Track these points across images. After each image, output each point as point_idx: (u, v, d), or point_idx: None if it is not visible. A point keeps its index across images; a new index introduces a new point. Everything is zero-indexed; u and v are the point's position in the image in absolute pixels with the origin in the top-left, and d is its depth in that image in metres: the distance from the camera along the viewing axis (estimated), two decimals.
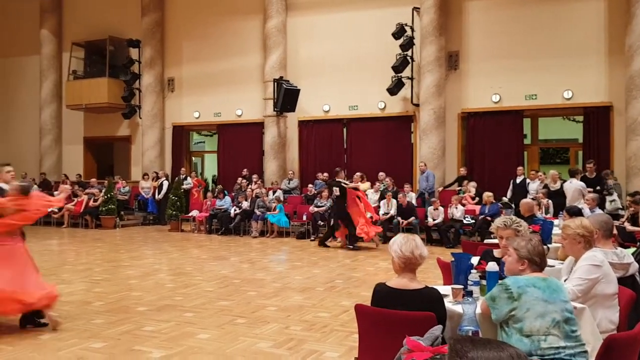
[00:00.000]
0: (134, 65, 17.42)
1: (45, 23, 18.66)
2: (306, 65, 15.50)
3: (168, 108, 17.52)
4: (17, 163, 19.32)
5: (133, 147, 18.11)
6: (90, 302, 6.59)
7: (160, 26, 17.34)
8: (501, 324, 2.90)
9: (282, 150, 15.63)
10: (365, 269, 9.19)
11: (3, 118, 19.97)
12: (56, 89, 18.73)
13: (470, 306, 2.94)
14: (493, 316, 2.92)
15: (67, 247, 12.10)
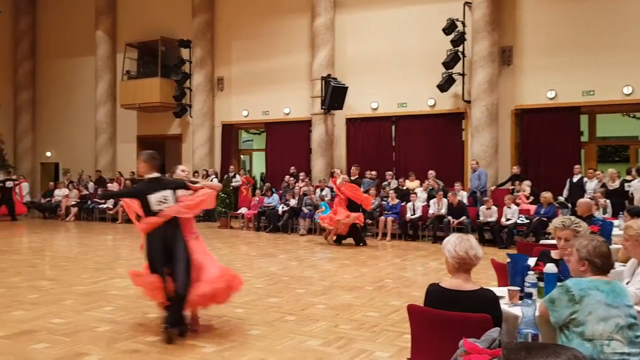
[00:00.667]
0: (184, 65, 17.76)
1: (100, 25, 19.25)
2: (354, 62, 15.43)
3: (217, 107, 17.79)
4: (74, 161, 20.18)
5: (184, 146, 18.48)
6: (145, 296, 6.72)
7: (210, 26, 17.61)
8: (561, 328, 2.78)
9: (329, 148, 15.61)
10: (415, 269, 9.07)
11: (61, 117, 20.75)
12: (111, 89, 19.31)
13: (529, 308, 2.83)
14: (552, 319, 2.80)
15: (121, 243, 12.44)
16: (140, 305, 6.25)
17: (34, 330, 5.25)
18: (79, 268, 8.82)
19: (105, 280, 7.78)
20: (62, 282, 7.61)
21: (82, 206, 17.32)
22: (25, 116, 21.19)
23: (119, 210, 16.30)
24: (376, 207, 12.93)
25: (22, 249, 11.37)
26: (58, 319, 5.62)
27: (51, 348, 4.73)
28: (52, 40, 20.91)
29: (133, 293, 6.89)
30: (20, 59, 21.13)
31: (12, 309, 6.03)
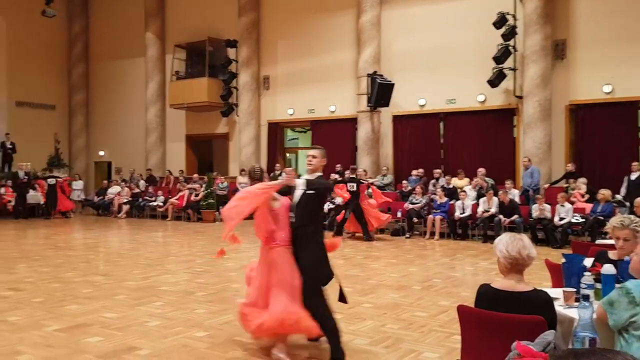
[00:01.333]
0: (231, 65, 17.97)
1: (150, 27, 19.71)
2: (401, 58, 15.25)
3: (263, 105, 17.93)
4: (125, 160, 20.75)
5: (231, 144, 18.71)
6: (193, 292, 6.83)
7: (256, 26, 17.76)
8: (620, 331, 2.65)
9: (375, 145, 15.48)
10: (465, 269, 8.87)
11: (113, 117, 21.38)
12: (160, 90, 19.75)
13: (586, 311, 2.69)
14: (610, 322, 2.67)
15: (171, 239, 12.69)
16: (189, 300, 6.35)
17: (87, 323, 5.38)
18: (131, 264, 9.03)
19: (156, 276, 7.94)
20: (115, 277, 7.81)
21: (133, 204, 17.80)
22: (80, 117, 21.94)
23: (169, 208, 16.67)
24: (424, 205, 12.74)
25: (77, 245, 11.75)
26: (111, 313, 5.75)
27: (104, 341, 4.83)
28: (105, 43, 21.56)
29: (182, 289, 7.02)
30: (74, 61, 21.88)
31: (67, 303, 6.22)
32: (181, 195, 16.61)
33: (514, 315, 2.82)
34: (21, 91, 20.49)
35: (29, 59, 20.57)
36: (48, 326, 5.29)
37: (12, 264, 8.84)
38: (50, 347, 4.68)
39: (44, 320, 5.48)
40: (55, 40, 21.46)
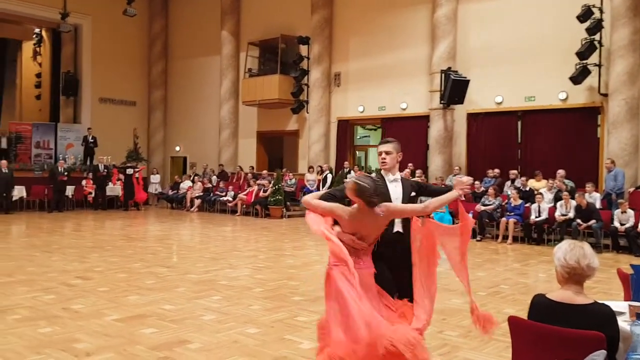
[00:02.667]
0: (303, 62, 17.99)
1: (225, 25, 20.09)
2: (477, 54, 14.65)
3: (334, 102, 17.81)
4: (200, 155, 21.30)
5: (300, 141, 18.75)
6: (251, 287, 6.80)
7: (328, 22, 17.67)
8: None
9: (448, 144, 14.97)
10: (537, 275, 8.36)
11: (189, 114, 22.00)
12: (234, 87, 20.09)
13: None
14: None
15: (238, 234, 12.83)
16: (246, 296, 6.32)
17: (145, 315, 5.45)
18: (196, 257, 9.17)
19: (218, 270, 7.99)
20: (178, 270, 7.93)
21: (205, 198, 18.22)
22: (158, 113, 22.74)
23: (238, 203, 16.92)
24: (497, 207, 12.18)
25: (148, 237, 12.12)
26: (169, 305, 5.81)
27: (158, 333, 4.87)
28: (182, 41, 22.22)
29: (241, 284, 7.01)
30: (154, 59, 22.70)
31: (129, 294, 6.35)
32: (250, 191, 16.81)
33: (570, 330, 2.57)
34: (104, 88, 21.50)
35: (112, 57, 21.53)
36: (108, 315, 5.40)
37: (85, 254, 9.20)
38: (107, 337, 4.75)
39: (105, 310, 5.60)
40: (136, 39, 22.35)
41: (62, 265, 8.05)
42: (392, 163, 3.72)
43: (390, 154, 3.72)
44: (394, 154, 3.73)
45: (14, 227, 13.29)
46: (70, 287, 6.64)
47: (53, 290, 6.42)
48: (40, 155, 19.89)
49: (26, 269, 7.69)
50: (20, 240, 10.92)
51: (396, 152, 3.74)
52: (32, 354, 4.30)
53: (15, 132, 19.79)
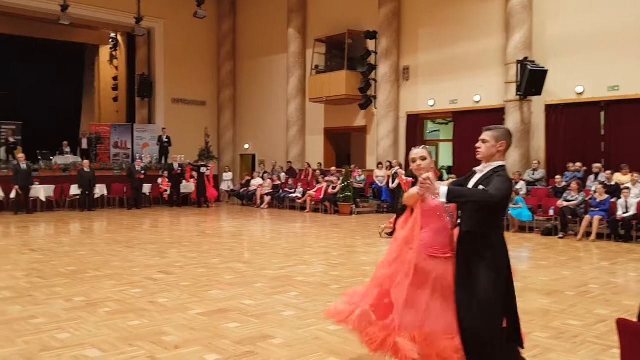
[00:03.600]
0: (370, 57, 17.82)
1: (292, 23, 20.21)
2: (555, 43, 13.99)
3: (403, 97, 17.54)
4: (268, 152, 21.57)
5: (368, 137, 18.60)
6: (327, 284, 6.77)
7: (396, 15, 17.41)
8: None
9: (525, 137, 14.39)
10: (628, 275, 7.87)
11: (257, 112, 22.33)
12: (300, 84, 20.20)
13: None
14: None
15: (308, 231, 12.86)
16: (323, 293, 6.28)
17: (227, 309, 5.52)
18: (270, 253, 9.24)
19: (292, 266, 8.02)
20: (254, 266, 8.02)
21: (274, 195, 18.42)
22: (227, 112, 23.21)
23: (307, 200, 16.99)
24: (580, 203, 11.59)
25: (222, 233, 12.36)
26: (249, 301, 5.86)
27: (241, 328, 4.92)
28: (250, 41, 22.56)
29: (317, 280, 6.99)
30: (223, 59, 23.17)
31: (210, 288, 6.46)
32: (319, 188, 16.84)
33: None
34: (176, 89, 22.18)
35: (183, 59, 22.17)
36: (192, 309, 5.50)
37: (165, 249, 9.48)
38: (193, 330, 4.84)
39: (188, 304, 5.72)
40: (206, 40, 22.89)
41: (144, 260, 8.32)
42: (485, 153, 3.42)
43: (487, 142, 3.41)
44: (491, 142, 3.39)
45: (96, 223, 13.91)
46: (154, 281, 6.83)
47: (138, 284, 6.62)
48: (118, 154, 20.77)
49: (112, 264, 8.00)
50: (104, 236, 11.40)
51: (495, 141, 3.39)
52: (124, 346, 4.43)
53: (95, 133, 20.75)
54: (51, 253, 8.96)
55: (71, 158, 18.70)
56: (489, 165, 3.41)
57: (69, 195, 17.02)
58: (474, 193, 3.31)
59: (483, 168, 3.44)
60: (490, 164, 3.40)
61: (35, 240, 10.71)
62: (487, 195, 3.20)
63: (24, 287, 6.47)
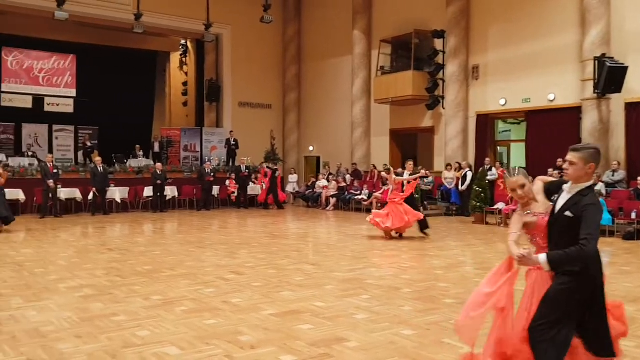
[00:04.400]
0: (438, 56, 17.49)
1: (357, 24, 20.14)
2: (635, 38, 13.22)
3: (472, 97, 17.09)
4: (332, 154, 21.57)
5: (436, 138, 18.24)
6: (399, 288, 6.64)
7: (465, 14, 17.00)
8: None
9: (604, 137, 13.66)
10: None
11: (321, 114, 22.38)
12: (366, 85, 20.09)
13: None
14: None
15: (376, 233, 12.68)
16: (395, 296, 6.16)
17: (299, 311, 5.51)
18: (338, 255, 9.20)
19: (362, 269, 7.93)
20: (324, 268, 7.99)
21: (340, 197, 18.38)
22: (292, 115, 23.42)
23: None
24: None
25: (289, 234, 12.43)
26: (320, 303, 5.83)
27: (314, 330, 4.89)
28: (315, 44, 22.66)
29: (388, 284, 6.86)
30: (288, 63, 23.39)
31: (282, 289, 6.48)
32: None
33: None
34: (243, 93, 22.58)
35: (249, 63, 22.54)
36: (265, 310, 5.53)
37: (235, 250, 9.62)
38: (267, 331, 4.85)
39: (261, 304, 5.75)
40: (271, 44, 23.18)
41: (216, 261, 8.47)
42: (574, 175, 3.27)
43: (574, 164, 3.25)
44: (579, 165, 3.23)
45: (168, 224, 14.34)
46: (226, 281, 6.93)
47: (212, 284, 6.73)
48: (188, 157, 21.38)
49: (186, 264, 8.19)
50: (177, 237, 11.72)
51: (584, 164, 3.22)
52: (202, 344, 4.49)
53: (166, 137, 21.47)
54: (128, 253, 9.28)
55: (144, 161, 19.42)
56: (577, 186, 3.27)
57: (142, 197, 17.65)
58: (572, 255, 3.12)
59: (570, 189, 3.30)
60: (579, 185, 3.27)
61: (113, 240, 11.15)
62: (584, 252, 3.08)
63: (105, 285, 6.72)
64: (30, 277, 7.21)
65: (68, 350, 4.35)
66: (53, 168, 15.51)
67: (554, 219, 3.33)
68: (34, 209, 16.05)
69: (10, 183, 15.58)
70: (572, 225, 3.17)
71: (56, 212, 15.40)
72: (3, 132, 20.39)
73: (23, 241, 10.86)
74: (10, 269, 7.76)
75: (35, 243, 10.45)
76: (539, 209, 3.48)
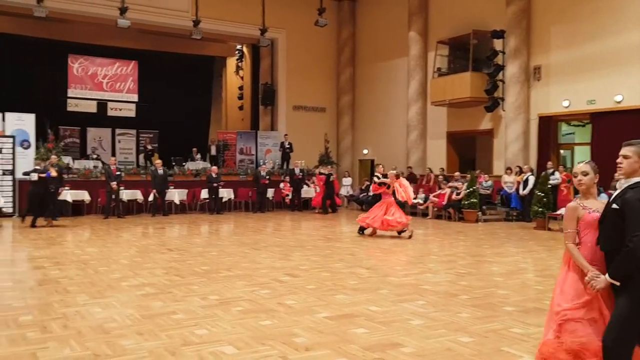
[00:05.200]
0: (497, 57, 17.06)
1: (413, 26, 19.93)
2: None
3: (533, 98, 16.57)
4: (387, 157, 21.37)
5: (495, 141, 17.79)
6: (456, 294, 6.48)
7: (526, 13, 16.51)
8: None
9: None
10: None
11: (375, 117, 22.27)
12: (422, 88, 19.84)
13: None
14: None
15: (431, 238, 12.51)
16: (452, 303, 6.02)
17: (353, 314, 5.46)
18: (393, 260, 9.10)
19: (417, 274, 7.80)
20: (378, 272, 7.92)
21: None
22: (346, 118, 23.41)
23: (429, 206, 16.59)
24: None
25: (343, 237, 12.38)
26: (375, 307, 5.76)
27: (369, 334, 4.83)
28: (369, 46, 22.59)
29: (444, 290, 6.71)
30: (342, 66, 23.42)
31: (336, 293, 6.45)
32: (442, 194, 16.38)
33: None
34: (297, 96, 22.77)
35: (304, 67, 22.70)
36: (319, 313, 5.51)
37: (289, 252, 9.67)
38: (321, 333, 4.84)
39: (315, 307, 5.74)
40: (325, 47, 23.27)
41: (270, 263, 8.53)
42: (628, 169, 3.28)
43: (629, 158, 3.28)
44: (634, 159, 3.26)
45: (224, 226, 14.59)
46: (281, 283, 6.96)
47: (267, 286, 6.78)
48: (243, 160, 21.72)
49: (241, 265, 8.30)
50: (232, 238, 11.90)
51: (638, 157, 3.25)
52: (258, 345, 4.52)
53: (222, 140, 21.89)
54: (186, 253, 9.49)
55: (201, 164, 19.86)
56: (628, 181, 3.28)
57: (200, 199, 18.04)
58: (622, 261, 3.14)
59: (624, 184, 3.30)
60: (630, 180, 3.27)
61: (172, 240, 11.44)
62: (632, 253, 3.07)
63: (164, 284, 6.88)
64: (95, 274, 7.48)
65: (130, 346, 4.47)
66: (116, 170, 16.06)
67: (604, 214, 3.33)
68: (98, 209, 16.69)
69: (76, 184, 16.39)
70: (617, 217, 3.19)
71: (119, 212, 15.95)
72: (69, 135, 21.31)
73: (88, 240, 11.30)
74: (76, 266, 8.08)
75: (99, 242, 10.85)
76: (592, 205, 3.47)
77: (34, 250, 9.76)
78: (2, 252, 9.86)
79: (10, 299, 6.11)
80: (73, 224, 14.14)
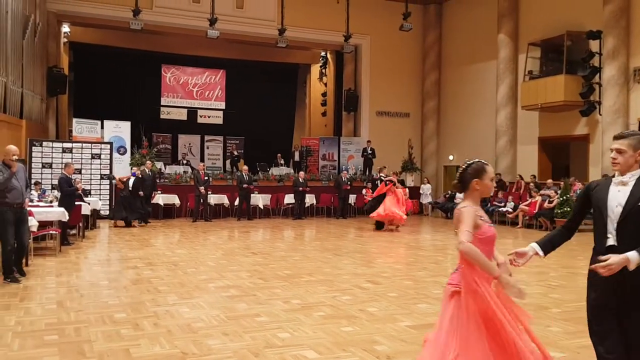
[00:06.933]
0: (593, 59, 16.12)
1: (502, 28, 19.26)
2: None
3: (633, 101, 15.49)
4: None
5: (591, 147, 16.78)
6: (546, 307, 6.16)
7: (625, 12, 15.49)
8: None
9: None
10: None
11: (462, 122, 21.68)
12: (511, 91, 19.11)
13: None
14: None
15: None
16: (543, 316, 5.72)
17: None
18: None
19: None
20: None
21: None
22: (431, 123, 22.97)
23: (519, 215, 15.92)
24: None
25: (426, 245, 12.14)
26: None
27: None
28: (456, 50, 22.06)
29: (535, 302, 6.38)
30: (427, 70, 23.03)
31: (418, 301, 6.31)
32: (533, 202, 15.66)
33: None
34: (380, 102, 22.63)
35: (387, 72, 22.53)
36: (401, 321, 5.41)
37: (372, 259, 9.60)
38: (404, 342, 4.74)
39: (397, 315, 5.64)
40: (410, 52, 22.98)
41: (352, 269, 8.49)
42: (625, 163, 3.04)
43: (623, 152, 3.05)
44: (629, 153, 3.03)
45: (307, 231, 14.74)
46: (362, 289, 6.90)
47: (348, 292, 6.75)
48: (326, 166, 21.88)
49: (323, 270, 8.32)
50: (314, 243, 11.99)
51: (634, 150, 3.02)
52: (339, 350, 4.49)
53: (305, 146, 22.17)
54: (269, 257, 9.66)
55: (285, 169, 20.20)
56: (633, 174, 3.03)
57: (283, 204, 18.34)
58: None
59: (627, 179, 3.03)
60: (632, 173, 3.04)
61: (256, 244, 11.70)
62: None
63: (249, 286, 7.02)
64: (184, 275, 7.77)
65: (216, 346, 4.58)
66: (204, 175, 16.67)
67: (628, 212, 2.97)
68: (187, 212, 17.39)
69: (167, 189, 17.20)
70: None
71: (206, 216, 16.53)
72: (162, 142, 22.40)
73: (177, 242, 11.79)
74: (167, 267, 8.43)
75: (188, 244, 11.29)
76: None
77: (128, 251, 10.30)
78: (99, 253, 10.49)
79: (106, 296, 6.46)
80: (164, 226, 14.83)
